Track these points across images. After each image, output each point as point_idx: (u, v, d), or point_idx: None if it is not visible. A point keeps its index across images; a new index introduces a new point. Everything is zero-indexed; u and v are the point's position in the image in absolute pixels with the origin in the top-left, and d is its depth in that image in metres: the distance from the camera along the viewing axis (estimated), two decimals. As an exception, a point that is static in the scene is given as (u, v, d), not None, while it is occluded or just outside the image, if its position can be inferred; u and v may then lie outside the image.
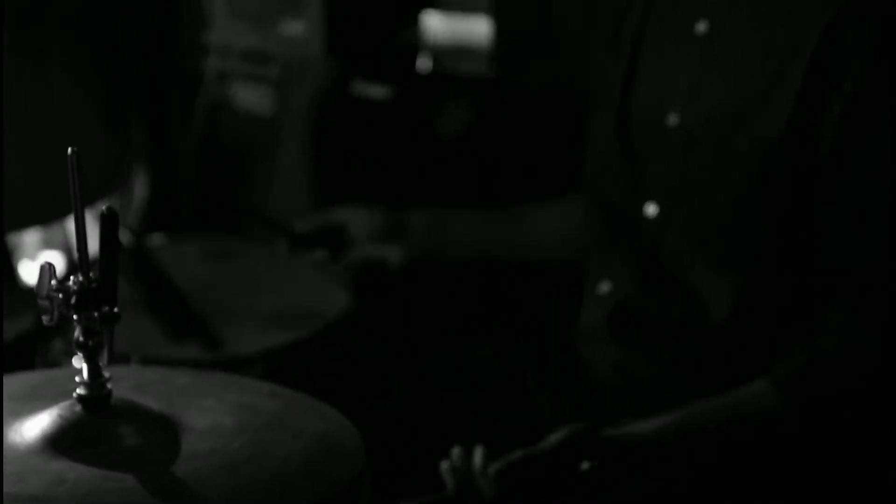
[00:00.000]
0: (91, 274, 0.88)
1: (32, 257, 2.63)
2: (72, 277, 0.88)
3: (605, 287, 1.50)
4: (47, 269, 0.88)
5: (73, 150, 0.87)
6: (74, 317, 0.89)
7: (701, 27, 1.42)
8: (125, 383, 0.96)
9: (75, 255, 0.90)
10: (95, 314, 0.88)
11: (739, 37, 1.38)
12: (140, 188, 2.93)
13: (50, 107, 1.88)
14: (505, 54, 2.22)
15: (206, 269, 1.81)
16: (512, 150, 2.22)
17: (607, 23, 1.58)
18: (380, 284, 1.80)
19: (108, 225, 0.85)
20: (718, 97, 1.38)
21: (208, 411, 0.95)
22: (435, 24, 2.52)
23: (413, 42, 2.49)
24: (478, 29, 2.46)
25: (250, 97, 2.65)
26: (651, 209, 1.45)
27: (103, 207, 0.86)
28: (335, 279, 1.75)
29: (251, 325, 1.64)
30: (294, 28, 2.53)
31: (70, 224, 0.91)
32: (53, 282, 0.88)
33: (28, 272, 2.47)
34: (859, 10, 1.28)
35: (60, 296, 0.88)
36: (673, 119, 1.43)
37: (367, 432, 0.95)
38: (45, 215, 1.79)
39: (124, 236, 1.77)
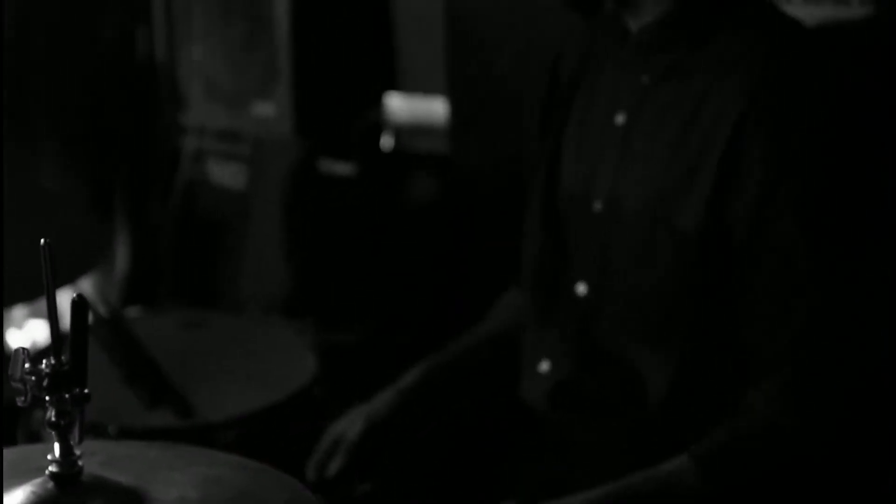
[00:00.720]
0: (63, 357, 0.87)
1: (20, 326, 2.61)
2: (44, 361, 0.87)
3: (544, 366, 1.48)
4: (21, 354, 0.88)
5: (45, 242, 0.87)
6: (47, 398, 0.88)
7: (619, 119, 1.41)
8: (97, 458, 0.96)
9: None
10: (67, 396, 0.88)
11: (655, 130, 1.37)
12: (121, 260, 2.92)
13: (38, 190, 1.88)
14: (460, 133, 2.22)
15: (181, 339, 1.80)
16: (468, 223, 2.22)
17: (535, 110, 1.58)
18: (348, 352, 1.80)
19: (79, 312, 0.85)
20: (637, 188, 1.37)
21: (176, 484, 0.94)
22: (397, 104, 2.54)
23: (377, 121, 2.50)
24: (436, 109, 2.48)
25: (225, 174, 2.65)
26: (581, 288, 1.43)
27: (74, 295, 0.86)
28: (306, 346, 1.75)
29: (224, 392, 1.63)
30: (265, 110, 2.55)
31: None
32: (27, 365, 0.88)
33: (15, 341, 2.45)
34: (765, 107, 1.27)
35: (33, 378, 0.88)
36: (597, 205, 1.42)
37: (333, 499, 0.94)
38: (31, 292, 1.78)
39: (103, 309, 1.76)
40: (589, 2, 1.42)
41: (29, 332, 2.57)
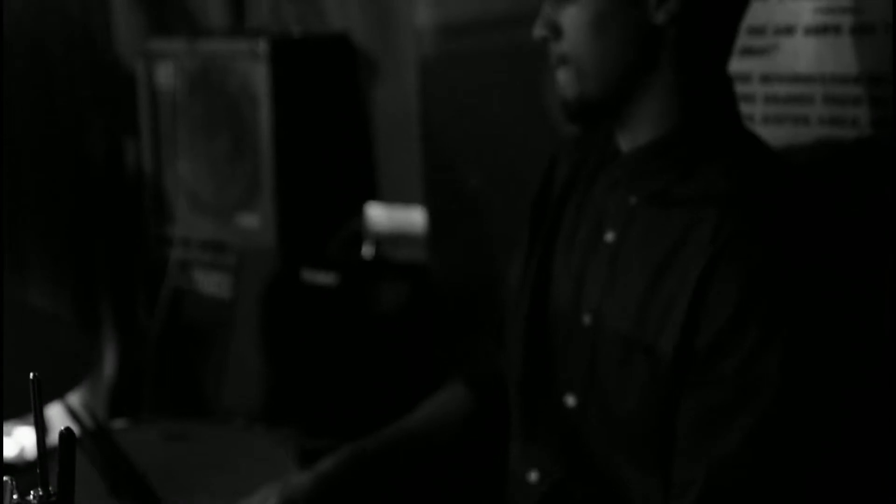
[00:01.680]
0: (50, 488, 0.91)
1: (8, 434, 2.63)
2: (32, 492, 0.91)
3: (532, 476, 1.49)
4: (9, 485, 0.91)
5: (34, 376, 0.91)
6: (35, 528, 0.91)
7: (608, 236, 1.44)
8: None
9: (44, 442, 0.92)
10: (54, 525, 0.91)
11: (640, 253, 1.40)
12: (108, 368, 2.95)
13: (26, 307, 1.91)
14: (437, 242, 2.28)
15: (167, 450, 1.83)
16: (446, 330, 2.27)
17: (522, 222, 1.63)
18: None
19: (66, 445, 0.89)
20: (621, 307, 1.40)
21: None
22: (377, 214, 2.61)
23: (357, 231, 2.57)
24: (415, 218, 2.54)
25: (210, 284, 2.70)
26: (570, 400, 1.45)
27: (62, 428, 0.90)
28: (288, 456, 1.78)
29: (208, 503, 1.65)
30: (249, 221, 2.61)
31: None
32: (15, 496, 0.91)
33: (4, 449, 2.46)
34: (738, 246, 1.30)
35: (22, 510, 0.91)
36: (587, 319, 1.45)
37: None
38: (19, 409, 1.81)
39: (88, 421, 1.79)
40: (591, 119, 1.46)
41: (17, 440, 2.59)
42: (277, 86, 2.54)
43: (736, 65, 1.67)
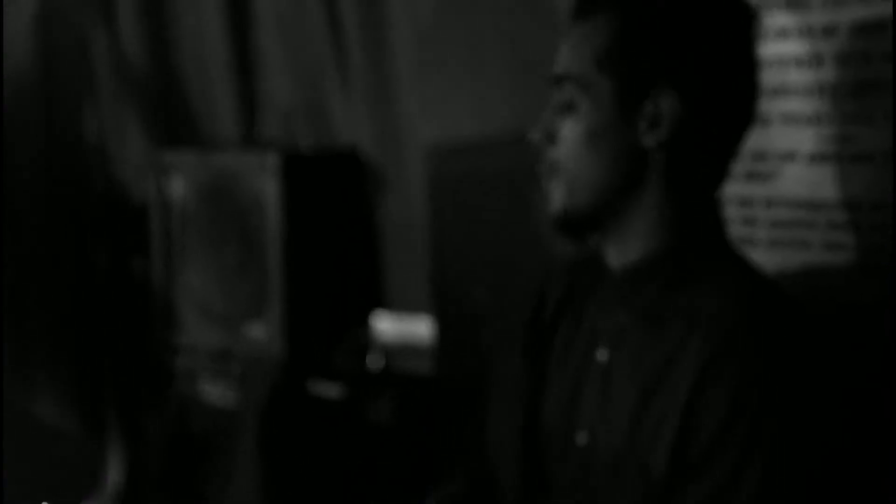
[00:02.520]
0: None
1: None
2: None
3: None
4: None
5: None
6: None
7: (601, 355, 1.46)
8: None
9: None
10: None
11: (632, 371, 1.42)
12: (113, 476, 2.95)
13: (33, 421, 1.92)
14: (445, 353, 2.30)
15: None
16: (454, 442, 2.27)
17: (515, 332, 1.65)
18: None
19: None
20: (616, 426, 1.41)
21: None
22: (383, 324, 2.63)
23: (364, 342, 2.59)
24: (421, 329, 2.57)
25: (215, 393, 2.72)
26: None
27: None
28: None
29: None
30: (257, 331, 2.63)
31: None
32: None
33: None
34: (728, 361, 1.32)
35: None
36: (581, 438, 1.46)
37: None
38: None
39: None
40: (578, 230, 1.49)
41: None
42: (287, 199, 2.58)
43: (739, 189, 1.72)
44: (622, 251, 1.46)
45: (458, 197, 2.20)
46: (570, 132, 1.43)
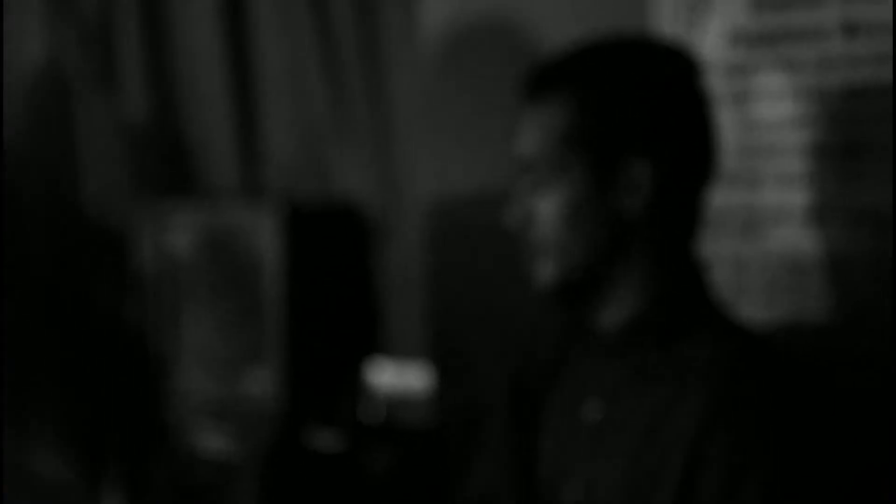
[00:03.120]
0: None
1: None
2: None
3: None
4: None
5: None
6: None
7: (592, 416, 1.48)
8: None
9: None
10: None
11: (624, 430, 1.43)
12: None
13: (31, 476, 1.92)
14: (444, 405, 2.30)
15: None
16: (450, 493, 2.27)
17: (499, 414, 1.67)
18: None
19: None
20: (610, 483, 1.42)
21: None
22: (383, 375, 2.63)
23: (363, 393, 2.59)
24: (420, 380, 2.57)
25: (211, 446, 2.71)
26: None
27: None
28: None
29: None
30: (254, 381, 2.63)
31: None
32: None
33: None
34: (728, 409, 1.34)
35: None
36: (573, 496, 1.47)
37: None
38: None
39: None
40: (569, 300, 1.51)
41: None
42: (288, 253, 2.58)
43: (731, 248, 1.73)
44: (612, 312, 1.48)
45: (459, 250, 2.21)
46: (547, 210, 1.45)
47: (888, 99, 1.53)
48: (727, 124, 1.69)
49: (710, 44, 1.72)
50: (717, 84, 1.69)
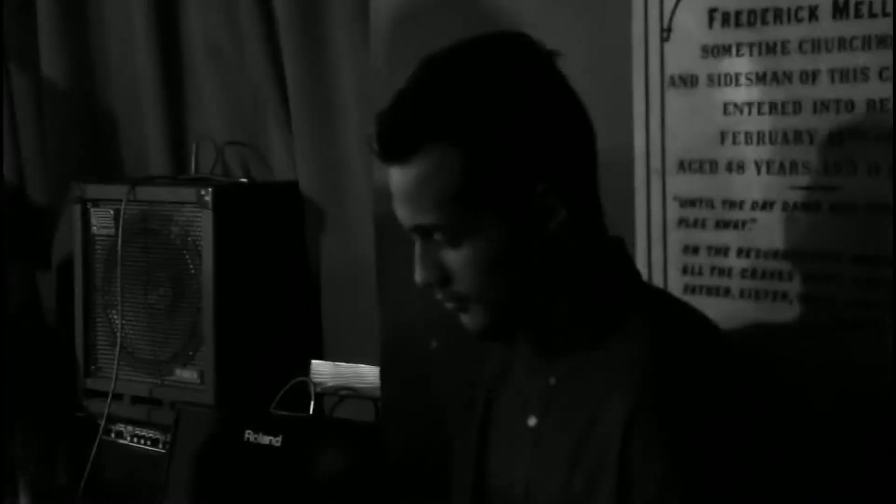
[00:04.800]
0: None
1: None
2: None
3: None
4: None
5: None
6: None
7: (531, 421, 1.44)
8: None
9: None
10: None
11: (561, 431, 1.39)
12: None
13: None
14: (391, 405, 2.21)
15: None
16: (395, 495, 2.19)
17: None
18: None
19: None
20: (547, 490, 1.38)
21: None
22: (323, 371, 2.54)
23: (303, 389, 2.49)
24: (364, 376, 2.49)
25: (141, 442, 2.60)
26: None
27: None
28: None
29: None
30: (188, 376, 2.52)
31: None
32: None
33: None
34: (650, 406, 1.29)
35: None
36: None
37: None
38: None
39: None
40: (508, 336, 1.46)
41: None
42: (222, 235, 2.48)
43: (712, 237, 1.68)
44: (546, 323, 1.42)
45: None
46: (463, 265, 1.35)
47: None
48: (704, 107, 1.65)
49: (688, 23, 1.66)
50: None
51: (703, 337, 1.38)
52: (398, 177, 1.34)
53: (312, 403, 2.47)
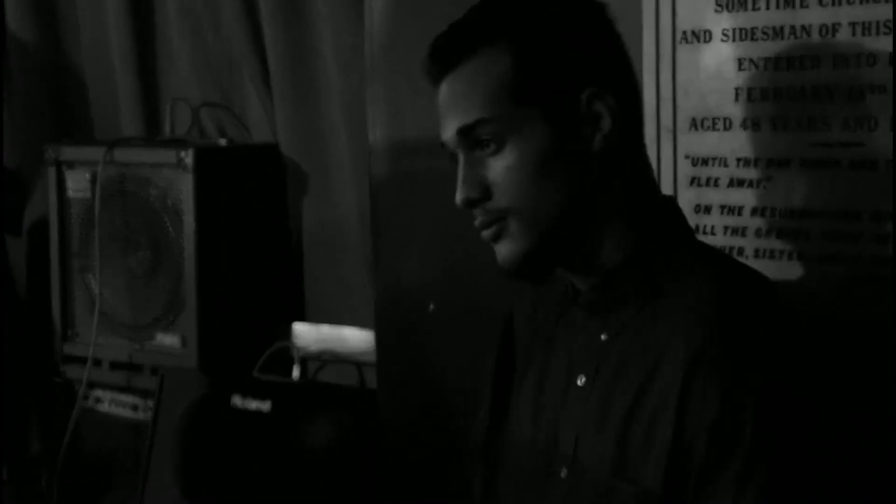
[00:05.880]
0: None
1: None
2: None
3: None
4: None
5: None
6: None
7: (580, 380, 1.37)
8: None
9: None
10: None
11: (614, 388, 1.33)
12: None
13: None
14: (386, 369, 2.14)
15: None
16: (383, 460, 2.13)
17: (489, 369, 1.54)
18: None
19: None
20: (600, 448, 1.32)
21: None
22: (306, 334, 2.47)
23: (286, 351, 2.42)
24: (347, 339, 2.42)
25: (122, 408, 2.51)
26: None
27: None
28: None
29: None
30: (169, 340, 2.44)
31: None
32: None
33: None
34: (710, 359, 1.24)
35: None
36: (563, 471, 1.36)
37: None
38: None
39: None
40: (543, 271, 1.38)
41: None
42: (203, 197, 2.39)
43: (725, 196, 1.63)
44: (587, 273, 1.37)
45: (406, 204, 2.04)
46: (505, 172, 1.31)
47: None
48: (718, 62, 1.60)
49: None
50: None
51: (766, 293, 1.32)
52: (447, 86, 1.34)
53: (297, 367, 2.41)
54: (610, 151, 1.31)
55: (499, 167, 1.31)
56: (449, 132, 1.34)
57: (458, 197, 1.34)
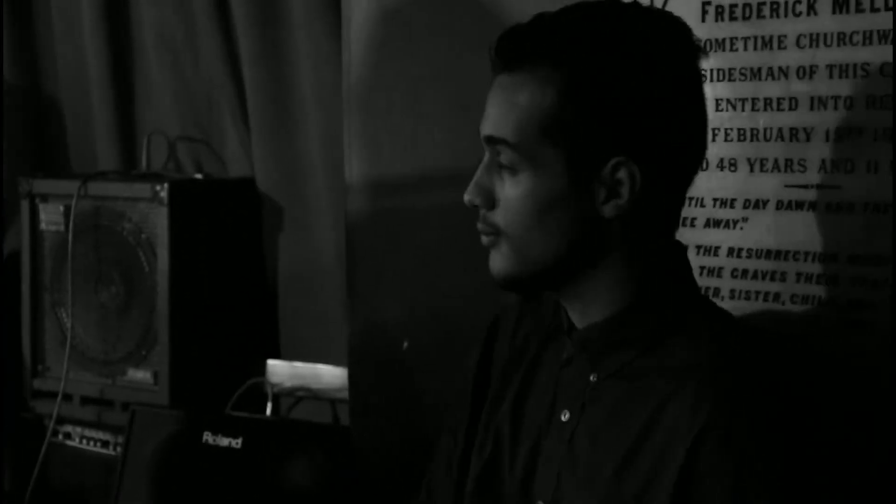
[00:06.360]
0: None
1: None
2: None
3: None
4: None
5: None
6: None
7: (564, 416, 1.34)
8: None
9: None
10: None
11: (604, 433, 1.29)
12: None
13: None
14: (360, 407, 2.11)
15: None
16: (357, 498, 2.10)
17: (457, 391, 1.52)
18: None
19: None
20: (587, 491, 1.28)
21: None
22: (280, 371, 2.44)
23: (261, 390, 2.39)
24: (321, 376, 2.39)
25: (92, 445, 2.47)
26: None
27: None
28: None
29: None
30: (139, 377, 2.40)
31: None
32: None
33: None
34: (722, 420, 1.20)
35: None
36: None
37: None
38: None
39: None
40: (527, 292, 1.37)
41: None
42: (178, 232, 2.36)
43: (701, 236, 1.61)
44: (585, 310, 1.33)
45: (382, 242, 2.02)
46: (512, 197, 1.28)
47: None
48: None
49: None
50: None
51: (771, 351, 1.29)
52: (499, 84, 1.30)
53: (270, 404, 2.37)
54: (622, 220, 1.27)
55: (509, 187, 1.28)
56: (483, 129, 1.31)
57: (465, 195, 1.32)
